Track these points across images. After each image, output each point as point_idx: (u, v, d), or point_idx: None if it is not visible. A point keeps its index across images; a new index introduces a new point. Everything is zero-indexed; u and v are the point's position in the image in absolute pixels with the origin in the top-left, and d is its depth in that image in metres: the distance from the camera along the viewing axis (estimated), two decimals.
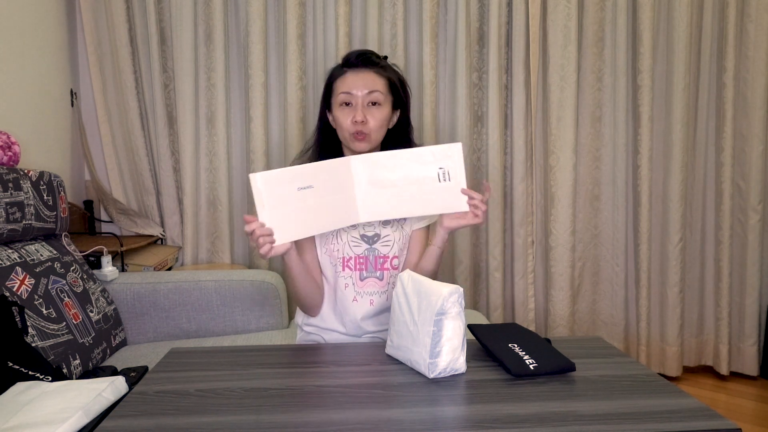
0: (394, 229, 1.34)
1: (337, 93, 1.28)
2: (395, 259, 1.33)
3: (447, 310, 0.96)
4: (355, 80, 1.27)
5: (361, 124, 1.25)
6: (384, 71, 1.30)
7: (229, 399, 0.90)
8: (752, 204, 2.45)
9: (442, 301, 0.95)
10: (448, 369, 0.97)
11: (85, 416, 0.98)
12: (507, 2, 2.37)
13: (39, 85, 2.07)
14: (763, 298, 2.54)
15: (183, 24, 2.24)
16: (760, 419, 2.18)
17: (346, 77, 1.28)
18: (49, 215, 1.67)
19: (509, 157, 2.46)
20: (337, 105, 1.29)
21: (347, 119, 1.26)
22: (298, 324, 1.43)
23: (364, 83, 1.27)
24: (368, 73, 1.28)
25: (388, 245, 1.33)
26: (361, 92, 1.26)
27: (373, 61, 1.29)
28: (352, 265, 1.31)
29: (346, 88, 1.27)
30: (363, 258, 1.31)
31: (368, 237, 1.32)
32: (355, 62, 1.28)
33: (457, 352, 0.97)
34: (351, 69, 1.28)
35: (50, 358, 1.39)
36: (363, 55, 1.29)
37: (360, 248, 1.31)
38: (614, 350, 1.12)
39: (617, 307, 2.56)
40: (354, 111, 1.26)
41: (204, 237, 2.37)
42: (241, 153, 2.40)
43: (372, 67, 1.28)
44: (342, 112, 1.27)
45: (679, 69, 2.38)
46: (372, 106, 1.27)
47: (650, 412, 0.85)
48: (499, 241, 2.44)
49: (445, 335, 0.96)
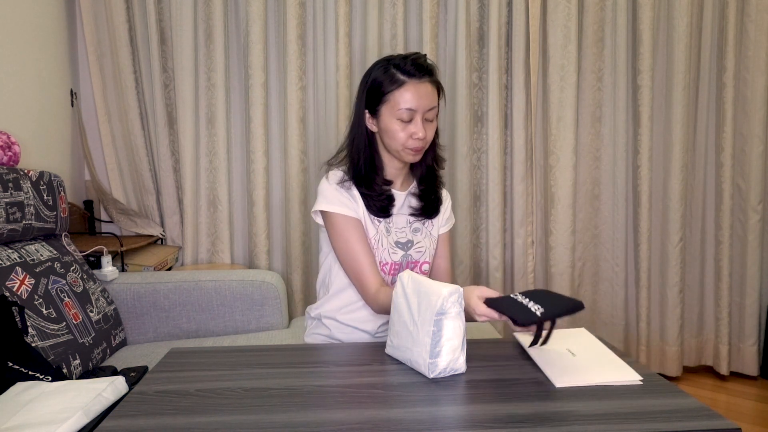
0: (424, 236, 1.37)
1: (395, 106, 1.23)
2: (425, 264, 1.36)
3: (447, 310, 0.96)
4: (417, 95, 1.22)
5: (422, 139, 1.25)
6: (435, 78, 1.27)
7: (229, 399, 0.90)
8: (752, 204, 2.45)
9: (442, 301, 0.95)
10: (448, 369, 0.97)
11: (85, 416, 0.98)
12: (507, 2, 2.37)
13: (39, 85, 2.07)
14: (763, 298, 2.54)
15: (183, 24, 2.24)
16: (760, 419, 2.18)
17: (407, 89, 1.22)
18: (49, 215, 1.67)
19: (509, 157, 2.46)
20: (392, 115, 1.24)
21: (404, 133, 1.24)
22: (311, 316, 1.42)
23: (427, 98, 1.23)
24: (427, 86, 1.24)
25: (421, 251, 1.35)
26: (423, 108, 1.23)
27: (430, 69, 1.26)
28: (387, 270, 1.33)
29: (408, 103, 1.22)
30: (398, 264, 1.33)
31: (402, 244, 1.34)
32: (416, 72, 1.23)
33: (456, 352, 0.97)
34: (411, 80, 1.22)
35: (50, 358, 1.39)
36: (421, 65, 1.24)
37: (397, 255, 1.33)
38: (614, 350, 1.12)
39: (617, 307, 2.56)
40: (414, 126, 1.24)
41: (204, 237, 2.37)
42: (241, 153, 2.40)
43: (429, 76, 1.25)
44: (399, 125, 1.24)
45: (679, 69, 2.38)
46: (428, 122, 1.26)
47: (650, 412, 0.84)
48: (499, 241, 2.44)
49: (445, 335, 0.96)
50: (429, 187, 1.38)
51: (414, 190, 1.38)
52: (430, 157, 1.36)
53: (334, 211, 1.27)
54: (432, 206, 1.38)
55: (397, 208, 1.35)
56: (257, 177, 2.33)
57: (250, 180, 2.35)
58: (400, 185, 1.37)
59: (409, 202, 1.37)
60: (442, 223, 1.42)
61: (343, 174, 1.32)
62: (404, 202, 1.37)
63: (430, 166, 1.37)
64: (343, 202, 1.28)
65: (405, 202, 1.37)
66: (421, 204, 1.36)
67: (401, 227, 1.35)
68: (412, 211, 1.36)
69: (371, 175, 1.30)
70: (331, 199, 1.28)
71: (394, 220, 1.34)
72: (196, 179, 2.35)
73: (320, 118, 2.38)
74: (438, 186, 1.40)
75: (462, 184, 2.41)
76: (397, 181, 1.36)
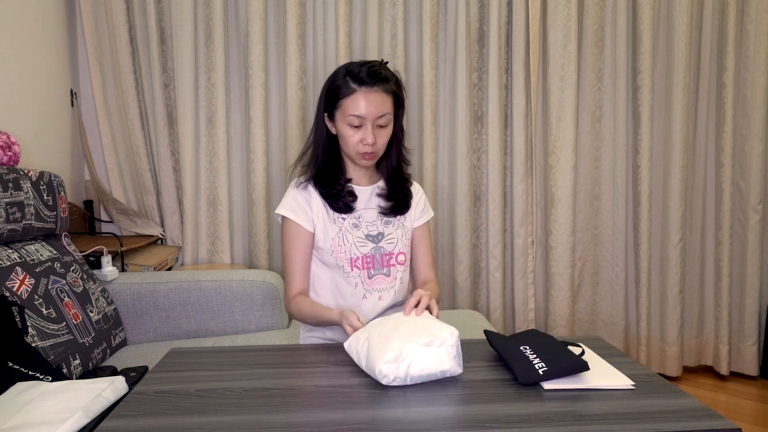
0: (396, 227, 1.39)
1: (346, 112, 1.27)
2: (401, 254, 1.38)
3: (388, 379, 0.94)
4: (366, 103, 1.25)
5: (371, 145, 1.28)
6: (390, 86, 1.29)
7: (229, 399, 0.90)
8: (752, 204, 2.45)
9: (379, 376, 0.94)
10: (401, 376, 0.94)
11: (85, 416, 0.98)
12: (507, 2, 2.37)
13: (39, 85, 2.07)
14: (763, 298, 2.54)
15: (183, 24, 2.24)
16: (760, 419, 2.18)
17: (356, 98, 1.25)
18: (49, 215, 1.67)
19: (509, 157, 2.47)
20: (344, 121, 1.28)
21: (355, 138, 1.28)
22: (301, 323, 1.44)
23: (375, 107, 1.26)
24: (378, 94, 1.26)
25: (393, 242, 1.37)
26: (372, 116, 1.26)
27: (382, 77, 1.27)
28: (360, 265, 1.34)
29: (356, 110, 1.25)
30: (370, 257, 1.35)
31: (373, 236, 1.36)
32: (367, 80, 1.25)
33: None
34: (361, 88, 1.25)
35: (50, 358, 1.39)
36: (373, 73, 1.26)
37: (366, 248, 1.34)
38: (614, 350, 1.12)
39: (617, 307, 2.56)
40: (363, 132, 1.27)
41: (204, 237, 2.37)
42: (241, 153, 2.40)
43: (382, 84, 1.27)
44: (350, 130, 1.28)
45: (679, 69, 2.38)
46: (380, 128, 1.29)
47: (650, 412, 0.85)
48: (499, 241, 2.44)
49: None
50: (395, 187, 1.40)
51: (381, 190, 1.40)
52: (394, 159, 1.39)
53: (286, 215, 1.35)
54: (399, 204, 1.40)
55: (364, 202, 1.37)
56: (257, 177, 2.33)
57: (250, 180, 2.35)
58: (365, 181, 1.39)
59: (377, 200, 1.39)
60: (417, 216, 1.44)
61: (303, 177, 1.37)
62: (371, 197, 1.38)
63: (395, 167, 1.40)
64: (296, 210, 1.34)
65: (372, 196, 1.39)
66: (389, 203, 1.39)
67: (372, 221, 1.37)
68: (381, 209, 1.38)
69: (331, 174, 1.35)
70: (287, 204, 1.36)
71: (363, 215, 1.36)
72: (196, 179, 2.35)
73: None
74: (405, 184, 1.42)
75: (462, 184, 2.41)
76: (361, 179, 1.39)
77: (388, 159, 1.39)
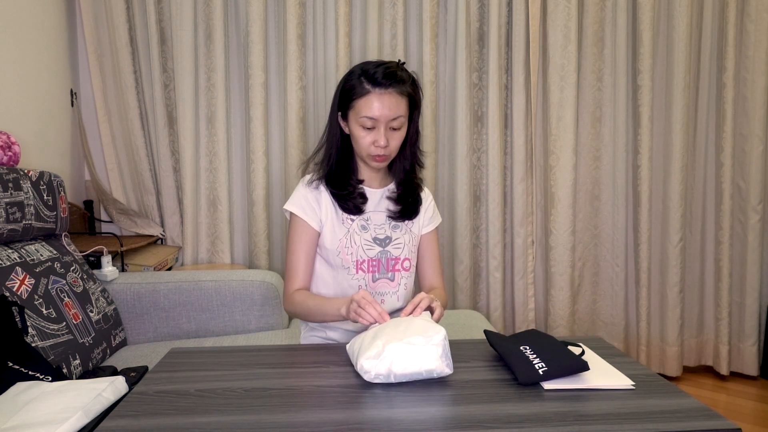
0: (404, 232, 1.37)
1: (359, 113, 1.25)
2: (406, 260, 1.37)
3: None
4: (380, 105, 1.23)
5: (383, 148, 1.26)
6: (406, 87, 1.27)
7: (229, 399, 0.90)
8: (752, 204, 2.46)
9: (361, 372, 0.95)
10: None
11: (85, 416, 0.98)
12: (507, 2, 2.37)
13: (39, 85, 2.07)
14: (763, 298, 2.54)
15: (183, 24, 2.24)
16: (760, 419, 2.18)
17: (370, 99, 1.23)
18: (49, 215, 1.67)
19: (509, 157, 2.47)
20: (356, 122, 1.26)
21: (367, 139, 1.26)
22: (302, 322, 1.44)
23: (389, 109, 1.24)
24: (393, 96, 1.24)
25: (400, 247, 1.36)
26: (385, 118, 1.24)
27: (398, 79, 1.25)
28: (365, 268, 1.33)
29: (369, 112, 1.24)
30: (376, 261, 1.34)
31: (380, 240, 1.35)
32: (382, 82, 1.23)
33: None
34: (375, 89, 1.23)
35: (50, 358, 1.39)
36: (389, 74, 1.24)
37: (373, 251, 1.33)
38: (614, 350, 1.12)
39: (617, 307, 2.56)
40: (376, 134, 1.25)
41: (204, 237, 2.37)
42: (241, 153, 2.40)
43: (397, 86, 1.25)
44: (363, 131, 1.26)
45: (679, 69, 2.38)
46: (393, 130, 1.27)
47: (650, 412, 0.84)
48: (499, 241, 2.44)
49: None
50: (406, 190, 1.38)
51: (391, 193, 1.38)
52: (408, 162, 1.37)
53: (294, 212, 1.35)
54: (409, 209, 1.38)
55: (374, 204, 1.36)
56: (257, 177, 2.33)
57: (250, 180, 2.35)
58: (376, 183, 1.38)
59: (387, 203, 1.37)
60: (425, 223, 1.43)
61: (315, 175, 1.36)
62: (381, 199, 1.37)
63: (408, 170, 1.38)
64: (305, 208, 1.33)
65: (382, 199, 1.37)
66: (398, 207, 1.37)
67: (380, 224, 1.36)
68: (390, 213, 1.37)
69: (343, 174, 1.34)
70: (296, 201, 1.35)
71: (372, 218, 1.35)
72: (196, 179, 2.35)
73: (320, 118, 2.38)
74: (416, 189, 1.40)
75: (462, 184, 2.41)
76: (373, 180, 1.38)
77: (401, 161, 1.37)
